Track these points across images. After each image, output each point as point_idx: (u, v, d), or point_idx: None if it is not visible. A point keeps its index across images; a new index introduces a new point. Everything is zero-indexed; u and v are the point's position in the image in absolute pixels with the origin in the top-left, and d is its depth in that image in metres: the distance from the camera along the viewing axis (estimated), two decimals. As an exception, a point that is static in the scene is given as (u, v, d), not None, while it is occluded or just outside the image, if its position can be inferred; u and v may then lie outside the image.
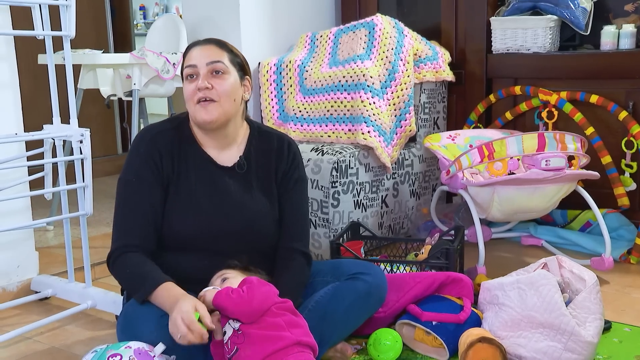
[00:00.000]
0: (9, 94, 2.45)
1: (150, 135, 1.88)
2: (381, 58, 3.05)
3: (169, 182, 1.85)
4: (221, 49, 1.87)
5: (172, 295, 1.67)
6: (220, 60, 1.84)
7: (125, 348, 1.59)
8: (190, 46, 1.89)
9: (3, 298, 2.46)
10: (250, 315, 1.62)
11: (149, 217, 1.82)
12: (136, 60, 3.17)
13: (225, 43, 1.91)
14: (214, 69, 1.83)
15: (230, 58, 1.87)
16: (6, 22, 2.40)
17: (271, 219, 1.93)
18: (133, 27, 5.38)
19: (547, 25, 3.10)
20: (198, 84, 1.82)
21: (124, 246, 1.80)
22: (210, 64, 1.83)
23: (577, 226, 3.05)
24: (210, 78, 1.83)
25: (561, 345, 1.79)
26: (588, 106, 2.99)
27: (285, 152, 1.98)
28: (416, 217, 3.22)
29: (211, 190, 1.87)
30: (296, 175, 1.98)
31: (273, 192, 1.95)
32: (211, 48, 1.86)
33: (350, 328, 1.91)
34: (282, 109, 3.22)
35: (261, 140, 1.97)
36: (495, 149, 2.52)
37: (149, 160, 1.83)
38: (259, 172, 1.94)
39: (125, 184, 1.85)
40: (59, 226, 3.27)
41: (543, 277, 1.85)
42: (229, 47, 1.91)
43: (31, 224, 2.45)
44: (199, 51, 1.85)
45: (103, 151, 4.80)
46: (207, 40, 1.89)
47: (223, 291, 1.66)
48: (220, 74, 1.83)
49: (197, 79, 1.83)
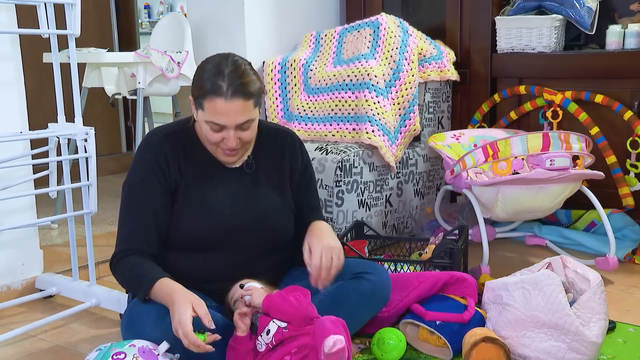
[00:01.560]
0: (14, 92, 2.46)
1: (156, 139, 1.87)
2: (386, 57, 3.05)
3: (177, 186, 1.85)
4: (246, 100, 1.73)
5: (167, 291, 1.68)
6: (250, 118, 1.75)
7: (130, 346, 1.59)
8: (214, 94, 1.71)
9: (8, 296, 2.46)
10: (303, 319, 1.65)
11: (153, 222, 1.82)
12: (141, 59, 3.18)
13: (248, 86, 1.73)
14: (242, 126, 1.77)
15: (254, 102, 1.76)
16: (11, 21, 2.41)
17: (283, 215, 1.94)
18: (138, 26, 5.38)
19: (552, 24, 3.10)
20: (228, 142, 1.77)
21: (126, 250, 1.81)
22: (239, 124, 1.75)
23: (582, 226, 3.04)
24: (238, 132, 1.77)
25: (565, 346, 1.78)
26: (593, 106, 2.98)
27: (297, 150, 2.01)
28: (420, 216, 3.21)
29: (221, 190, 1.88)
30: (310, 172, 2.04)
31: (285, 187, 1.97)
32: (239, 105, 1.72)
33: (354, 327, 1.91)
34: (286, 108, 3.22)
35: (269, 138, 1.98)
36: (500, 149, 2.51)
37: (154, 165, 1.83)
38: (268, 169, 1.95)
39: (130, 188, 1.85)
40: (63, 224, 3.27)
41: (547, 277, 1.85)
42: (250, 88, 1.74)
43: (36, 222, 2.45)
44: (227, 109, 1.71)
45: (108, 150, 4.80)
46: (233, 93, 1.71)
47: (276, 295, 1.68)
48: (247, 127, 1.78)
49: (223, 130, 1.76)
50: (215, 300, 1.86)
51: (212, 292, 1.85)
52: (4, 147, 2.35)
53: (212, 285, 1.84)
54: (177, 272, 1.78)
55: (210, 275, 1.84)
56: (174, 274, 1.76)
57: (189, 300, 1.62)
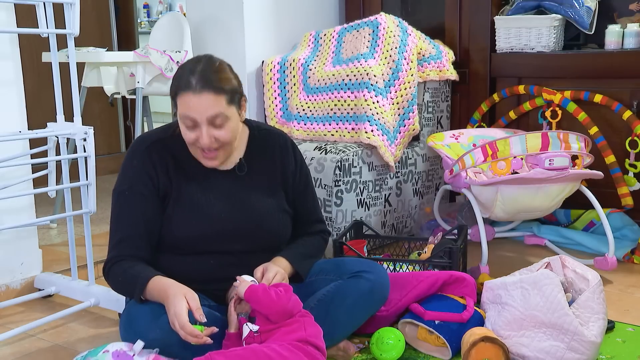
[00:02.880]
0: (13, 91, 2.46)
1: (144, 146, 1.86)
2: (385, 57, 3.05)
3: (166, 192, 1.85)
4: (217, 94, 1.72)
5: (160, 287, 1.69)
6: (219, 112, 1.73)
7: (103, 353, 1.62)
8: (182, 89, 1.73)
9: (7, 295, 2.46)
10: (281, 314, 1.65)
11: (143, 229, 1.82)
12: (140, 58, 3.18)
13: (219, 81, 1.74)
14: (214, 122, 1.75)
15: (227, 100, 1.75)
16: (10, 20, 2.41)
17: (278, 216, 1.94)
18: (137, 25, 5.38)
19: (552, 24, 3.10)
20: (201, 140, 1.75)
21: (118, 256, 1.81)
22: (210, 118, 1.73)
23: (581, 226, 3.04)
24: (212, 130, 1.75)
25: (564, 345, 1.79)
26: (592, 106, 2.98)
27: (290, 151, 2.00)
28: (419, 216, 3.22)
29: (213, 194, 1.87)
30: (305, 172, 2.03)
31: (278, 189, 1.96)
32: (207, 98, 1.71)
33: (352, 326, 1.91)
34: (285, 108, 3.22)
35: (261, 141, 1.97)
36: (499, 148, 2.51)
37: (142, 173, 1.83)
38: (261, 171, 1.94)
39: (118, 195, 1.85)
40: (62, 224, 3.27)
41: (546, 277, 1.85)
42: (222, 85, 1.74)
43: (35, 221, 2.45)
44: (195, 102, 1.72)
45: (106, 149, 4.81)
46: (202, 86, 1.71)
47: (260, 286, 1.69)
48: (221, 123, 1.76)
49: (196, 127, 1.75)
50: (214, 300, 1.86)
51: (211, 292, 1.85)
52: (3, 147, 2.35)
53: (210, 285, 1.85)
54: (173, 274, 1.78)
55: (208, 276, 1.84)
56: (170, 277, 1.76)
57: (183, 293, 1.64)
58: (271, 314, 1.66)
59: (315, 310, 1.80)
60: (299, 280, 1.92)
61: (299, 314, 1.70)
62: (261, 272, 1.81)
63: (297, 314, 1.69)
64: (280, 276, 1.80)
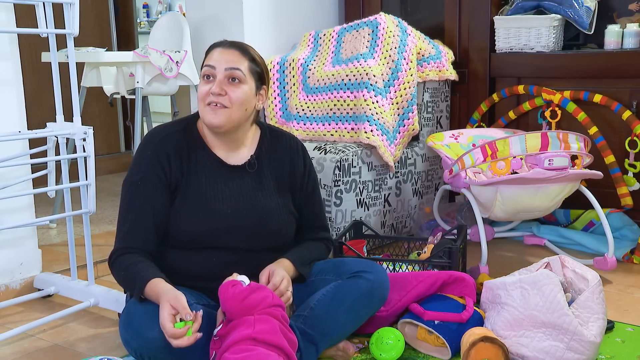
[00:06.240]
0: (13, 91, 2.46)
1: (158, 137, 1.87)
2: (384, 57, 3.05)
3: (177, 185, 1.85)
4: (243, 55, 1.84)
5: (155, 293, 1.68)
6: (239, 67, 1.81)
7: None
8: (214, 46, 1.86)
9: (6, 295, 2.46)
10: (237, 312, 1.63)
11: (152, 220, 1.82)
12: (139, 58, 3.18)
13: (248, 49, 1.87)
14: (231, 75, 1.81)
15: (249, 67, 1.84)
16: (10, 20, 2.40)
17: (284, 216, 1.94)
18: (136, 26, 5.38)
19: (551, 24, 3.10)
20: (212, 88, 1.80)
21: (123, 248, 1.81)
22: (228, 70, 1.80)
23: (580, 226, 3.04)
24: (225, 84, 1.81)
25: (564, 345, 1.79)
26: (591, 106, 2.98)
27: (300, 154, 2.01)
28: (419, 216, 3.22)
29: (222, 189, 1.87)
30: (313, 177, 2.04)
31: (285, 190, 1.97)
32: (233, 53, 1.83)
33: (352, 326, 1.91)
34: (285, 108, 3.22)
35: (273, 141, 1.99)
36: (498, 148, 2.51)
37: (156, 164, 1.83)
38: (271, 171, 1.95)
39: (130, 185, 1.85)
40: (61, 224, 3.27)
41: (546, 277, 1.85)
42: (252, 53, 1.87)
43: (34, 221, 2.45)
44: (220, 54, 1.82)
45: (106, 149, 4.80)
46: (231, 44, 1.85)
47: (228, 282, 1.68)
48: (236, 82, 1.82)
49: (212, 81, 1.81)
50: (213, 299, 1.86)
51: (211, 290, 1.85)
52: (2, 147, 2.35)
53: (212, 283, 1.84)
54: (176, 270, 1.79)
55: (209, 273, 1.84)
56: (172, 272, 1.77)
57: (167, 300, 1.62)
58: (228, 312, 1.65)
59: (315, 310, 1.81)
60: (301, 281, 1.92)
61: (264, 310, 1.64)
62: (267, 276, 1.80)
63: (261, 310, 1.63)
64: (287, 282, 1.80)
